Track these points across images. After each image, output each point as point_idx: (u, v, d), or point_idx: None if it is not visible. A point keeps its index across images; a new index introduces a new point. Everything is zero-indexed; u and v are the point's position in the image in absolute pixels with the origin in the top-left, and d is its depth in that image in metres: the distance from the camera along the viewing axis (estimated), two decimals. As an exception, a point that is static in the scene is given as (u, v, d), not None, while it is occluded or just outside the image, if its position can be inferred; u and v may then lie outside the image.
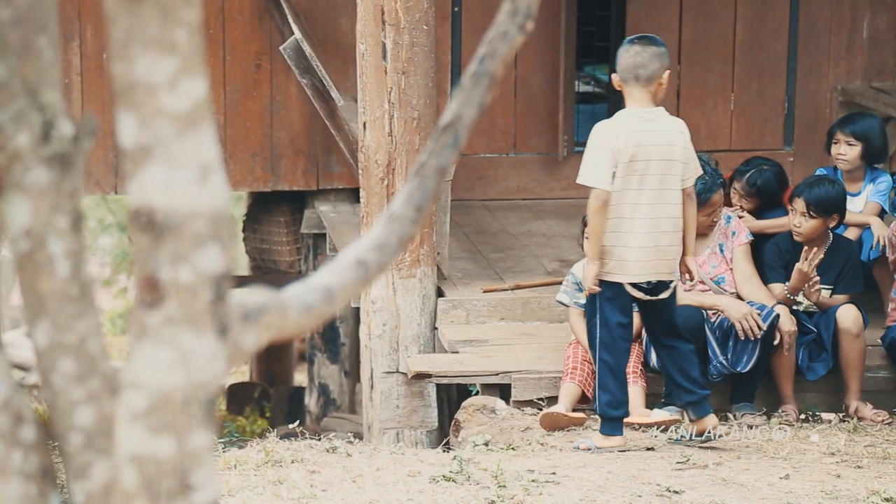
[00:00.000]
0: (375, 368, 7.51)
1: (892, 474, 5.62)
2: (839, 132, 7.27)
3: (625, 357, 5.96)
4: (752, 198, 7.18)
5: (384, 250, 2.33)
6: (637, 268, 5.79)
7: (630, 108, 5.88)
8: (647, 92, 5.84)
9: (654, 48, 5.84)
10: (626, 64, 5.83)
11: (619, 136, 5.76)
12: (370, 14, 7.26)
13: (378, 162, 7.36)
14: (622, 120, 5.86)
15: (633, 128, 5.83)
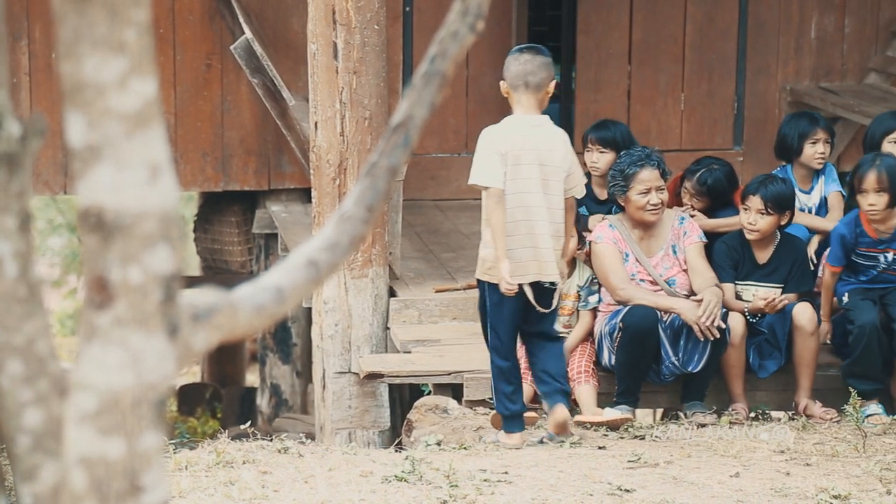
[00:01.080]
0: (327, 369, 7.50)
1: (841, 472, 5.67)
2: (820, 130, 7.27)
3: (515, 357, 6.09)
4: (703, 197, 7.22)
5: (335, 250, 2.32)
6: (519, 269, 5.93)
7: (517, 114, 6.06)
8: (535, 99, 6.03)
9: (542, 58, 6.04)
10: (515, 71, 6.04)
11: (506, 139, 5.94)
12: (321, 14, 7.25)
13: (330, 162, 7.35)
14: (510, 124, 6.04)
15: (520, 132, 6.00)
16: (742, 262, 6.81)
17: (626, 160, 6.68)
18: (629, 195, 6.63)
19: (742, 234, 6.83)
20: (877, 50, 10.06)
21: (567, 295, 6.79)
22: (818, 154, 7.20)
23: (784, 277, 6.81)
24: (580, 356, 6.67)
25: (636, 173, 6.61)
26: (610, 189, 6.75)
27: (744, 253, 6.81)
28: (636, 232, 6.78)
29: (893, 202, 6.64)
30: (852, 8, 10.02)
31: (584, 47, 9.87)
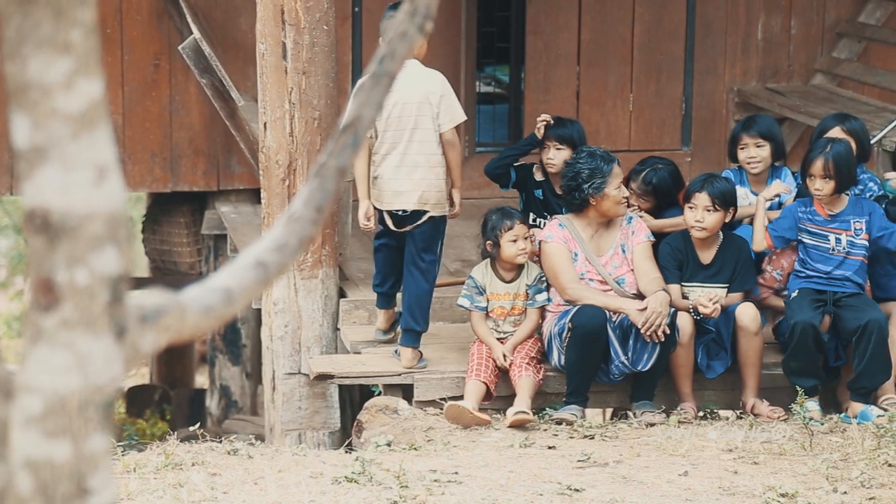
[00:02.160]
0: (277, 370, 7.48)
1: (788, 470, 5.71)
2: (745, 136, 7.28)
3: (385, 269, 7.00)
4: (649, 197, 7.26)
5: (284, 251, 2.32)
6: (392, 197, 6.77)
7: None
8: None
9: None
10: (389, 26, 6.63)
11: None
12: (270, 14, 7.23)
13: (279, 162, 7.33)
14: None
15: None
16: (686, 262, 6.85)
17: (597, 159, 6.71)
18: (607, 191, 6.68)
19: (685, 234, 6.87)
20: (822, 51, 10.14)
21: (517, 294, 6.82)
22: (748, 158, 7.24)
23: (728, 277, 6.85)
24: (520, 350, 6.69)
25: (612, 168, 6.70)
26: (586, 188, 6.71)
27: (687, 254, 6.85)
28: (587, 231, 6.81)
29: (839, 188, 6.71)
30: (798, 9, 10.10)
31: (533, 48, 9.90)
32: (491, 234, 6.74)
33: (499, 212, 6.83)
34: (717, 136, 9.99)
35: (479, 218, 7.68)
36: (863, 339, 6.56)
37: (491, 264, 6.84)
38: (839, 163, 6.69)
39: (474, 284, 6.80)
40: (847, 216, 6.77)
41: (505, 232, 6.70)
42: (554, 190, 7.28)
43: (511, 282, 6.82)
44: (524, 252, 6.73)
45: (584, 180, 6.69)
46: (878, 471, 5.66)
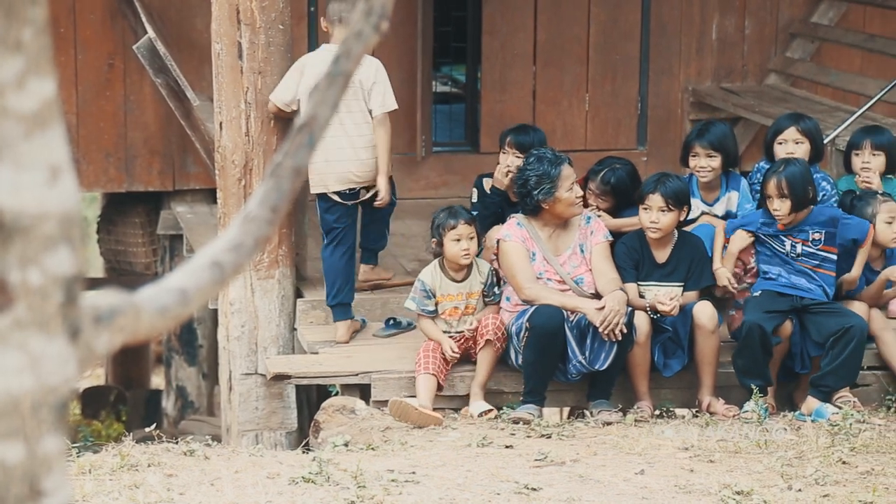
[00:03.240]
0: (234, 370, 7.46)
1: (743, 468, 5.74)
2: (697, 145, 7.31)
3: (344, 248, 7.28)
4: (607, 196, 7.28)
5: (240, 251, 2.31)
6: (331, 178, 7.11)
7: (331, 44, 7.14)
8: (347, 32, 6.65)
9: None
10: (333, 9, 7.12)
11: (313, 64, 7.00)
12: (225, 13, 7.20)
13: (235, 162, 7.30)
14: (320, 53, 7.19)
15: (325, 59, 6.61)
16: (642, 262, 6.87)
17: (545, 163, 6.71)
18: (558, 194, 6.68)
19: (640, 234, 6.90)
20: (776, 51, 10.20)
21: (470, 293, 6.82)
22: (698, 167, 7.27)
23: (684, 276, 6.88)
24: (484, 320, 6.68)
25: (561, 171, 6.69)
26: (536, 194, 6.71)
27: (643, 253, 6.88)
28: (545, 231, 6.82)
29: (796, 206, 6.74)
30: (752, 10, 10.15)
31: (489, 48, 9.91)
32: (436, 233, 6.75)
33: (445, 211, 6.83)
34: (672, 136, 10.03)
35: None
36: (841, 341, 6.60)
37: (440, 265, 6.84)
38: (793, 181, 6.71)
39: (423, 288, 6.79)
40: (806, 226, 6.80)
41: (448, 231, 6.70)
42: (509, 199, 7.30)
43: (462, 281, 6.82)
44: (467, 252, 6.72)
45: (534, 186, 6.68)
46: (832, 468, 5.70)
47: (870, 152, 7.40)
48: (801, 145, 7.32)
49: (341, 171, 7.11)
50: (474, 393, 6.67)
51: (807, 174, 6.79)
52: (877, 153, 7.39)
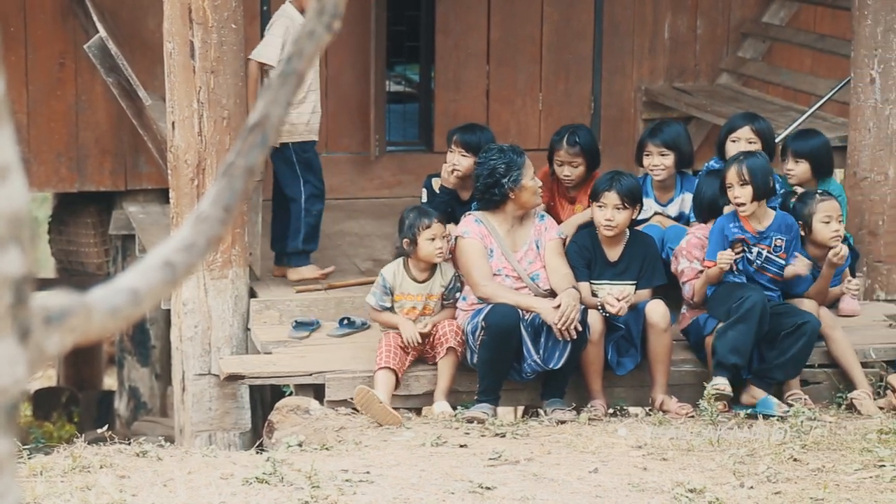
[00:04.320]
0: (187, 371, 7.43)
1: (696, 466, 5.77)
2: (650, 144, 7.36)
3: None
4: (579, 158, 7.37)
5: (192, 251, 2.30)
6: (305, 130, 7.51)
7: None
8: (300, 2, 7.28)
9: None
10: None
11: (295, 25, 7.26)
12: (177, 12, 7.17)
13: (188, 162, 7.27)
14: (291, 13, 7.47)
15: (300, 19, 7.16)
16: (594, 260, 6.90)
17: (508, 153, 6.79)
18: (525, 182, 6.73)
19: (592, 232, 6.93)
20: (728, 51, 10.26)
21: (429, 295, 6.83)
22: (652, 166, 7.33)
23: (636, 274, 6.91)
24: (441, 325, 6.69)
25: (525, 160, 6.79)
26: (505, 182, 6.74)
27: (595, 252, 6.91)
28: (503, 227, 6.85)
29: (758, 195, 6.76)
30: (704, 9, 10.21)
31: (442, 47, 9.91)
32: (408, 232, 6.73)
33: (416, 210, 6.84)
34: (625, 135, 10.07)
35: (390, 217, 7.72)
36: (793, 336, 6.64)
37: (404, 264, 6.83)
38: (755, 169, 6.75)
39: (383, 284, 6.80)
40: (771, 232, 6.82)
41: (423, 230, 6.70)
42: (459, 198, 7.31)
43: (424, 282, 6.82)
44: (441, 251, 6.75)
45: (503, 174, 6.73)
46: (784, 465, 5.74)
47: (792, 160, 7.47)
48: (753, 145, 7.38)
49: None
50: (437, 398, 6.67)
51: (767, 165, 6.84)
52: (799, 161, 7.45)
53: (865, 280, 7.81)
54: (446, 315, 6.81)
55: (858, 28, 7.73)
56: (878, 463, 5.77)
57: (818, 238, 7.03)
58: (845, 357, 6.93)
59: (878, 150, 7.72)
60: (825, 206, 7.02)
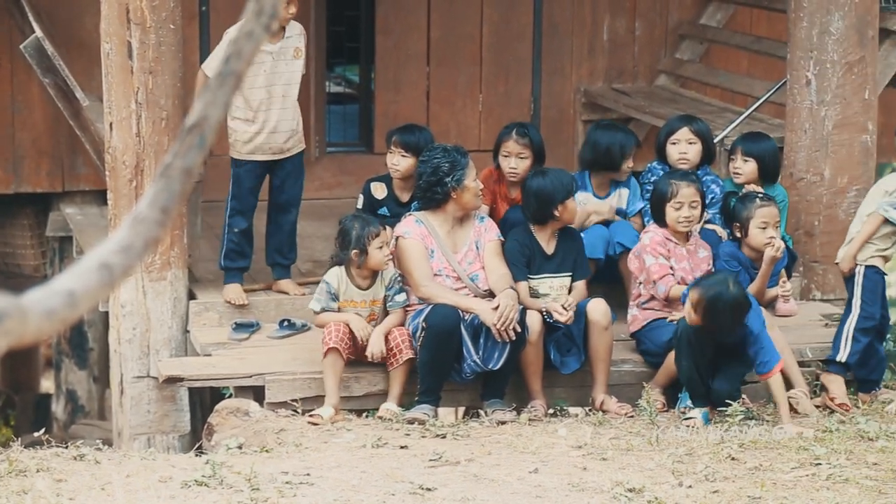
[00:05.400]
0: (125, 373, 7.38)
1: (636, 465, 5.80)
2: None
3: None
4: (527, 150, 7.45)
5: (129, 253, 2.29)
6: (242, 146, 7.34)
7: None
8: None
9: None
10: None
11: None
12: (115, 13, 7.12)
13: (126, 163, 7.23)
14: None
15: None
16: (533, 256, 6.94)
17: (452, 153, 6.83)
18: (467, 182, 6.77)
19: (527, 228, 6.97)
20: (666, 52, 10.33)
21: (374, 300, 6.81)
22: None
23: (571, 266, 6.97)
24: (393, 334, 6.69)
25: (468, 160, 6.83)
26: (448, 181, 6.76)
27: (533, 247, 6.95)
28: (443, 228, 6.86)
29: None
30: (642, 11, 10.26)
31: (382, 48, 9.91)
32: (357, 243, 6.69)
33: (359, 219, 6.79)
34: (564, 136, 10.11)
35: (330, 218, 7.69)
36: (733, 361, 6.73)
37: (347, 271, 6.80)
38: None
39: (329, 290, 6.76)
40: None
41: (373, 239, 6.68)
42: (399, 200, 7.32)
43: (367, 289, 6.81)
44: (389, 258, 6.75)
45: (446, 173, 6.75)
46: (722, 464, 5.79)
47: (741, 158, 7.55)
48: (693, 145, 7.46)
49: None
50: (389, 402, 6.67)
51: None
52: (747, 159, 7.53)
53: (802, 280, 7.89)
54: (396, 322, 6.78)
55: (794, 30, 7.80)
56: (814, 461, 5.83)
57: (752, 243, 7.10)
58: (782, 356, 6.99)
59: (814, 151, 7.79)
60: (763, 212, 7.08)
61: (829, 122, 7.74)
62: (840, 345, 6.85)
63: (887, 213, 6.81)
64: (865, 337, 6.84)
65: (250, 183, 7.39)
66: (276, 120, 7.28)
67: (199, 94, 2.11)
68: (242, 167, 7.37)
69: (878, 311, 6.86)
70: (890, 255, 6.90)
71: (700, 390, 6.54)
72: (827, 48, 7.68)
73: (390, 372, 6.69)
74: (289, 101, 7.34)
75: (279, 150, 7.36)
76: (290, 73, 7.31)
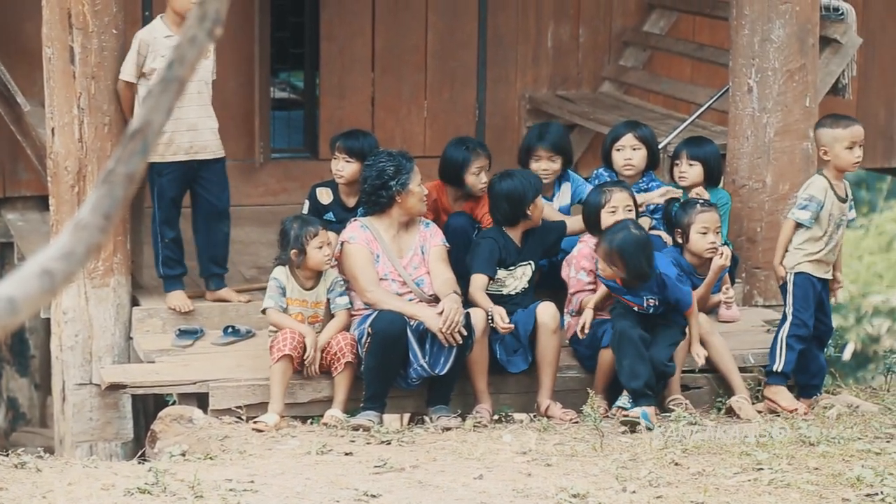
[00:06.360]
0: (67, 380, 7.33)
1: (580, 471, 5.82)
2: (540, 148, 7.52)
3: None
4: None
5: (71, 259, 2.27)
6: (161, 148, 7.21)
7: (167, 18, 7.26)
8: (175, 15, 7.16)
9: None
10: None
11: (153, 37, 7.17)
12: (56, 17, 7.08)
13: (68, 169, 7.18)
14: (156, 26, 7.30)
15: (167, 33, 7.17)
16: (507, 251, 6.98)
17: (397, 157, 6.86)
18: (412, 187, 6.79)
19: (502, 231, 7.01)
20: (610, 59, 10.38)
21: (316, 302, 6.80)
22: (540, 171, 7.46)
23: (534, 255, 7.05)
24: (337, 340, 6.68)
25: (413, 165, 6.86)
26: (394, 185, 6.77)
27: (508, 246, 6.99)
28: (388, 233, 6.87)
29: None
30: (586, 18, 10.31)
31: (327, 54, 9.89)
32: (296, 242, 6.69)
33: (298, 220, 6.80)
34: (510, 143, 10.13)
35: (275, 224, 7.62)
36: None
37: (291, 271, 6.80)
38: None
39: (278, 286, 6.76)
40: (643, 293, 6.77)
41: (311, 239, 6.68)
42: (345, 206, 7.32)
43: (311, 289, 6.80)
44: (329, 258, 6.75)
45: (391, 177, 6.77)
46: (665, 470, 5.82)
47: (686, 162, 7.60)
48: (638, 151, 7.52)
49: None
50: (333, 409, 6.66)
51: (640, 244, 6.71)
52: (693, 163, 7.59)
53: (744, 286, 7.95)
54: (340, 326, 6.77)
55: (736, 38, 7.86)
56: (756, 466, 5.87)
57: (693, 249, 7.15)
58: (723, 362, 7.03)
59: (756, 157, 7.85)
60: (703, 218, 7.13)
61: (770, 129, 7.80)
62: (776, 354, 6.88)
63: (793, 216, 6.85)
64: (799, 344, 6.85)
65: (172, 192, 7.30)
66: (194, 117, 7.20)
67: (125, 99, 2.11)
68: (164, 176, 7.27)
69: (810, 318, 6.85)
70: (825, 258, 6.89)
71: (645, 382, 6.57)
72: (768, 56, 7.74)
73: (335, 378, 6.69)
74: (204, 99, 7.28)
75: (201, 147, 7.28)
76: (202, 70, 7.27)
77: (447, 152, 7.43)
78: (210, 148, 7.32)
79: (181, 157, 7.25)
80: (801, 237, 6.83)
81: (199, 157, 7.30)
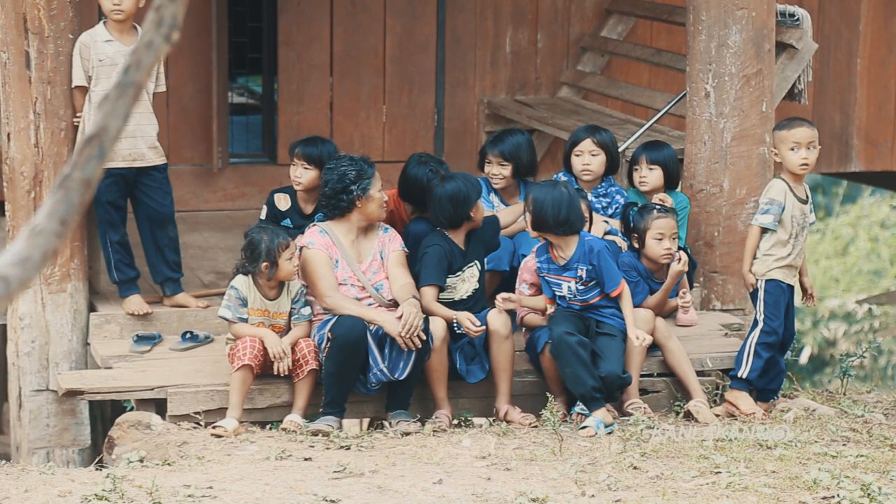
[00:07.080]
0: (24, 387, 7.28)
1: (539, 475, 5.83)
2: (490, 153, 7.58)
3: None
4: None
5: (27, 265, 2.27)
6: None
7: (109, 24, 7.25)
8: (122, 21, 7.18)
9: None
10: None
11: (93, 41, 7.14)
12: (12, 22, 7.04)
13: (24, 174, 7.14)
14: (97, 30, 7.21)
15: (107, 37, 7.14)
16: (454, 255, 6.98)
17: (359, 162, 6.85)
18: (372, 192, 6.80)
19: (446, 235, 7.01)
20: (568, 64, 10.41)
21: (277, 313, 6.78)
22: (491, 175, 7.52)
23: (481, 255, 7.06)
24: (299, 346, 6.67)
25: (374, 171, 6.86)
26: (354, 189, 6.77)
27: (454, 251, 6.99)
28: (347, 238, 6.87)
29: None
30: (544, 23, 10.34)
31: (285, 59, 9.88)
32: (268, 255, 6.65)
33: (267, 231, 6.74)
34: (468, 148, 10.16)
35: (234, 229, 7.65)
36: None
37: (254, 281, 6.76)
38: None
39: (238, 296, 6.72)
40: (574, 263, 6.82)
41: (283, 251, 6.66)
42: (302, 212, 7.32)
43: (274, 300, 6.78)
44: (297, 268, 6.74)
45: (352, 181, 6.76)
46: (624, 473, 5.84)
47: (646, 166, 7.64)
48: (597, 157, 7.56)
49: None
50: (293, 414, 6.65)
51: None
52: (653, 167, 7.64)
53: (702, 290, 7.99)
54: (302, 333, 6.76)
55: (693, 43, 7.91)
56: (714, 469, 5.90)
57: (649, 254, 7.18)
58: (680, 366, 7.06)
59: (714, 162, 7.90)
60: (659, 224, 7.16)
61: (727, 133, 7.85)
62: (742, 360, 6.91)
63: (757, 221, 6.89)
64: (767, 352, 6.88)
65: (110, 197, 7.22)
66: (133, 124, 7.12)
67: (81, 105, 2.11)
68: (102, 181, 7.19)
69: (780, 326, 6.88)
70: (794, 262, 6.92)
71: (591, 386, 6.57)
72: (725, 61, 7.79)
73: (296, 384, 6.68)
74: (143, 106, 7.19)
75: (139, 155, 7.21)
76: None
77: (410, 171, 7.36)
78: (148, 156, 7.26)
79: (119, 163, 7.18)
80: (767, 242, 6.86)
81: (138, 164, 7.24)
